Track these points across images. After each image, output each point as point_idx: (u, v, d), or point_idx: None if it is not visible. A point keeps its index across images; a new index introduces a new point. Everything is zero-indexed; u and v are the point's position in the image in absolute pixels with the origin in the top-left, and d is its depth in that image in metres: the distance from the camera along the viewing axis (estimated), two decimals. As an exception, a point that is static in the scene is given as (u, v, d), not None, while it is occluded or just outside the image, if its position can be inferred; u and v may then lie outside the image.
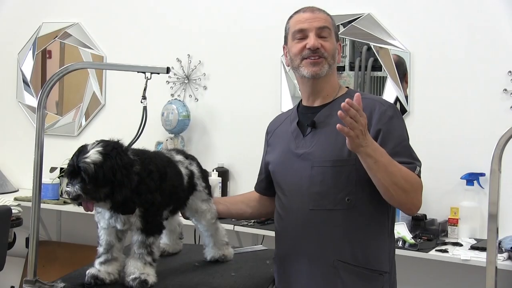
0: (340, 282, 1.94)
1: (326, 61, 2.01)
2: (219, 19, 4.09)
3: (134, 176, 1.75)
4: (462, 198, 3.35)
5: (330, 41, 2.03)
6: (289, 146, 2.06)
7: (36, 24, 4.65)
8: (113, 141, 1.80)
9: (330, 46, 2.02)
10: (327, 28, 2.02)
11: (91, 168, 1.68)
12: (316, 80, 2.03)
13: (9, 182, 4.54)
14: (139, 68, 1.83)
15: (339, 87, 2.10)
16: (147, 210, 1.82)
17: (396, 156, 1.88)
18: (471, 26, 3.39)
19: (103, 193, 1.72)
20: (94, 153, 1.71)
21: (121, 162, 1.73)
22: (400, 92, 3.55)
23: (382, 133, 1.92)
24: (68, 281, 1.86)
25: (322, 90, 2.06)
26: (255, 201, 2.29)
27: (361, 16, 3.64)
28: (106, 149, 1.73)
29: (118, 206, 1.75)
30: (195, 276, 2.02)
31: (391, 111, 1.97)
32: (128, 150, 1.81)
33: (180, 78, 4.17)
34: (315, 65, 2.01)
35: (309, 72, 2.02)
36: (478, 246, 3.05)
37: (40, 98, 1.85)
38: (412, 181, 1.89)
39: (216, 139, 4.10)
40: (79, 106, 4.53)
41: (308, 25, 2.02)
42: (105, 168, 1.70)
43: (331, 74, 2.06)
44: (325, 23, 2.03)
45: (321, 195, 1.95)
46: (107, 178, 1.70)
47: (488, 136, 3.17)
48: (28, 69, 4.70)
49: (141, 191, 1.79)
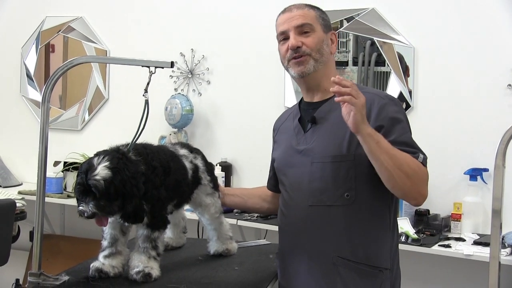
0: (339, 279, 1.94)
1: (310, 57, 2.01)
2: (222, 14, 4.09)
3: (141, 184, 1.76)
4: (465, 193, 3.34)
5: (313, 36, 2.02)
6: (291, 142, 2.07)
7: (40, 18, 4.65)
8: (116, 151, 1.78)
9: (311, 40, 2.01)
10: (308, 24, 2.02)
11: (102, 185, 1.68)
12: (307, 77, 2.03)
13: (13, 175, 4.56)
14: (143, 62, 1.83)
15: None
16: (153, 205, 1.83)
17: (398, 145, 1.86)
18: (475, 21, 3.38)
19: (116, 206, 1.73)
20: (103, 169, 1.70)
21: (129, 172, 1.73)
22: (404, 87, 3.54)
23: (384, 128, 1.90)
24: (72, 274, 1.87)
25: (318, 84, 2.05)
26: (271, 197, 2.29)
27: (365, 11, 3.63)
28: (112, 163, 1.72)
29: (129, 216, 1.76)
30: (198, 270, 2.03)
31: (391, 104, 1.95)
32: (130, 152, 1.81)
33: (183, 72, 4.17)
34: (299, 64, 2.02)
35: (295, 72, 2.03)
36: (481, 241, 3.05)
37: (44, 92, 1.86)
38: (416, 168, 1.85)
39: (219, 133, 4.10)
40: (82, 100, 4.54)
41: (287, 26, 2.03)
42: (116, 183, 1.70)
43: (325, 67, 2.04)
44: (304, 20, 2.02)
45: (321, 191, 1.95)
46: (118, 192, 1.70)
47: (492, 131, 3.16)
48: (31, 63, 4.71)
49: (147, 189, 1.79)
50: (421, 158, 1.88)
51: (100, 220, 1.75)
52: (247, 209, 2.35)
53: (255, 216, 3.49)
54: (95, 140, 4.27)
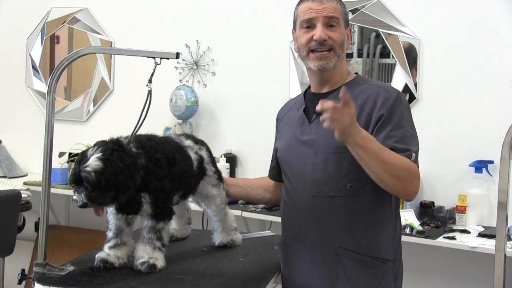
0: (341, 269, 1.94)
1: (334, 52, 1.99)
2: (228, 5, 4.08)
3: (137, 175, 1.75)
4: (470, 185, 3.34)
5: (339, 31, 1.99)
6: (295, 132, 2.06)
7: (45, 9, 4.65)
8: (112, 142, 1.79)
9: (338, 36, 1.99)
10: (336, 18, 1.99)
11: (92, 177, 1.69)
12: (325, 72, 2.02)
13: (18, 166, 4.56)
14: (148, 53, 1.82)
15: (347, 73, 2.08)
16: (157, 196, 1.83)
17: (390, 139, 1.87)
18: (481, 13, 3.37)
19: (109, 197, 1.74)
20: (94, 160, 1.71)
21: (122, 164, 1.73)
22: (409, 79, 3.53)
23: (383, 118, 1.90)
24: (77, 265, 1.88)
25: (330, 79, 2.05)
26: (273, 187, 2.28)
27: (370, 3, 3.62)
28: (105, 154, 1.72)
29: (122, 207, 1.76)
30: (203, 261, 2.03)
31: (395, 97, 1.94)
32: (131, 143, 1.81)
33: (188, 64, 4.16)
34: (322, 59, 1.99)
35: (315, 66, 2.00)
36: (486, 233, 3.05)
37: (50, 84, 1.86)
38: (406, 168, 1.86)
39: (224, 125, 4.10)
40: (87, 92, 4.54)
41: (315, 15, 1.98)
42: (107, 174, 1.70)
43: (340, 63, 2.03)
44: (334, 12, 1.99)
45: (323, 181, 1.94)
46: (110, 183, 1.71)
47: (497, 123, 3.16)
48: (37, 55, 4.71)
49: (149, 181, 1.80)
50: (413, 157, 1.88)
51: (96, 210, 1.78)
52: (249, 199, 2.35)
53: (260, 207, 3.49)
54: (100, 131, 4.26)
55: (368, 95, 1.95)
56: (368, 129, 1.89)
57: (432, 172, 3.38)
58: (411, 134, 1.93)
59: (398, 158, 1.85)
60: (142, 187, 1.79)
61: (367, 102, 1.94)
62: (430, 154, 3.29)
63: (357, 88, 1.99)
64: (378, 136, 1.87)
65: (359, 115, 1.90)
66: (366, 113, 1.92)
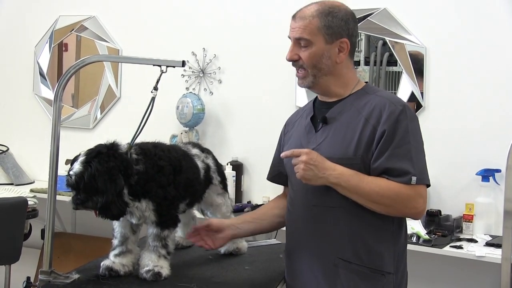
0: (339, 280, 1.91)
1: (307, 72, 1.97)
2: (234, 13, 4.09)
3: (120, 179, 1.76)
4: (477, 194, 3.32)
5: (310, 50, 1.94)
6: (301, 140, 2.05)
7: (53, 17, 4.67)
8: (105, 146, 1.81)
9: (307, 56, 1.94)
10: (304, 39, 1.95)
11: (72, 180, 1.74)
12: (312, 88, 2.02)
13: (25, 173, 4.57)
14: (155, 61, 1.83)
15: (356, 81, 2.03)
16: (160, 204, 1.83)
17: (391, 159, 1.84)
18: (488, 21, 3.36)
19: (94, 201, 1.75)
20: (78, 164, 1.76)
21: (102, 167, 1.74)
22: (416, 88, 3.53)
23: (385, 134, 1.86)
24: (83, 273, 1.88)
25: (327, 91, 2.01)
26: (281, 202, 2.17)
27: (377, 11, 3.62)
28: (88, 158, 1.76)
29: (102, 211, 1.76)
30: (208, 269, 2.03)
31: (400, 110, 1.89)
32: (132, 148, 1.81)
33: (195, 71, 4.17)
34: (299, 78, 2.00)
35: (298, 84, 2.03)
36: (493, 242, 3.03)
37: (56, 91, 1.87)
38: (392, 195, 1.83)
39: (231, 132, 4.11)
40: (94, 99, 4.55)
41: (290, 34, 2.00)
42: (86, 178, 1.73)
43: (331, 77, 1.97)
44: (301, 33, 1.95)
45: (324, 192, 1.93)
46: (90, 186, 1.73)
47: (504, 132, 3.15)
48: (44, 62, 4.73)
49: (150, 188, 1.80)
50: (413, 180, 1.83)
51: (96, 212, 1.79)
52: (266, 230, 2.20)
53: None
54: (107, 138, 4.27)
55: (374, 107, 1.92)
56: (372, 142, 1.87)
57: (439, 181, 3.36)
58: (417, 149, 1.89)
59: (385, 187, 1.83)
60: (142, 194, 1.79)
61: (372, 114, 1.91)
62: (437, 163, 3.27)
63: (364, 98, 1.97)
64: (382, 156, 1.85)
65: (364, 128, 1.88)
66: (371, 125, 1.89)
